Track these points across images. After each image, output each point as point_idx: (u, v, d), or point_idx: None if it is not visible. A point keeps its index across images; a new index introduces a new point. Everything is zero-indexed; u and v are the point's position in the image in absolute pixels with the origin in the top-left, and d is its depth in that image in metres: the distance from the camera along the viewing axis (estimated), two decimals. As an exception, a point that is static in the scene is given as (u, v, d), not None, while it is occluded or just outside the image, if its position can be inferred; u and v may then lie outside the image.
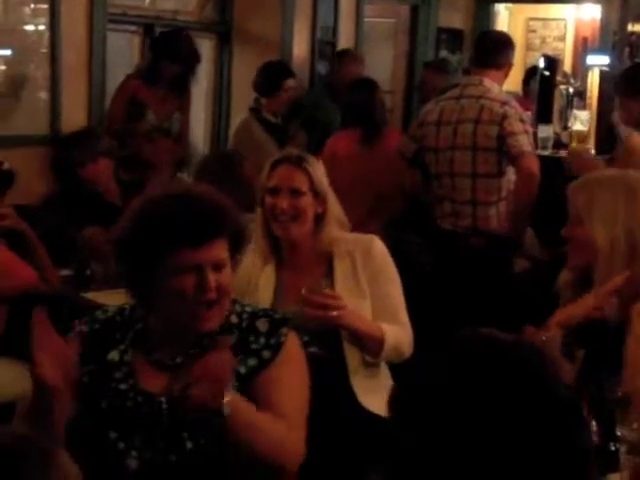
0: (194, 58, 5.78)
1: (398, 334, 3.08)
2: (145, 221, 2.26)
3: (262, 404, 2.25)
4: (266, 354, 2.33)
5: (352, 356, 3.07)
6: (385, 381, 3.14)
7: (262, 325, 2.37)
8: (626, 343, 2.61)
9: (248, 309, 2.42)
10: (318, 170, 3.17)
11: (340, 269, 3.12)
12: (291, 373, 2.35)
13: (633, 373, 2.57)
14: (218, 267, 2.25)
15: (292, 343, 2.38)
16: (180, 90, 5.81)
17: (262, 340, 2.35)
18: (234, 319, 2.37)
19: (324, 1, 7.17)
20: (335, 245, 3.14)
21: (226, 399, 2.11)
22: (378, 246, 3.17)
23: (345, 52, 6.99)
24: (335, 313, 2.91)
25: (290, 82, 6.09)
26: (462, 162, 4.91)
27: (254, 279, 3.17)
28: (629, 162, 4.46)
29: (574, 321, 2.64)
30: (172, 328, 2.31)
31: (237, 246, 2.34)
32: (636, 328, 2.62)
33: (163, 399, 2.25)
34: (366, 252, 3.13)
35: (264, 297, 3.12)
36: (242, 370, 2.29)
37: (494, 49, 5.16)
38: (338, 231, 3.17)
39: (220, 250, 2.26)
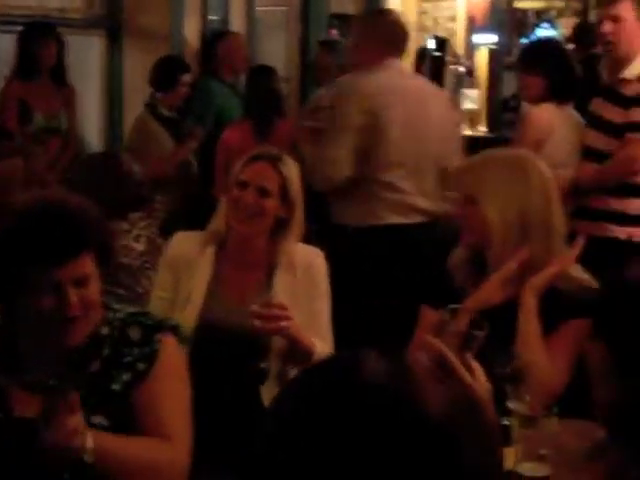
0: (60, 43, 5.74)
1: (324, 351, 3.05)
2: (3, 237, 2.17)
3: (141, 420, 2.17)
4: (140, 366, 2.22)
5: (271, 367, 3.05)
6: None
7: (134, 333, 2.25)
8: (518, 319, 2.69)
9: (120, 315, 2.29)
10: (293, 175, 3.10)
11: (281, 280, 3.07)
12: (169, 384, 2.24)
13: (524, 348, 2.64)
14: (81, 282, 2.16)
15: (168, 350, 2.27)
16: (59, 82, 5.76)
17: (135, 351, 2.23)
18: (105, 330, 2.25)
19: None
20: (283, 256, 3.09)
21: (88, 446, 2.02)
22: (320, 263, 3.14)
23: (223, 33, 6.94)
24: (285, 324, 2.87)
25: (186, 77, 6.07)
26: None
27: (193, 260, 3.10)
28: (527, 139, 4.55)
29: (484, 306, 2.68)
30: (39, 347, 2.21)
31: (104, 257, 2.24)
32: (527, 303, 2.69)
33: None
34: (308, 266, 3.09)
35: (199, 281, 3.07)
36: (117, 387, 2.20)
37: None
38: (293, 239, 3.11)
39: (83, 266, 2.16)
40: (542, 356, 2.65)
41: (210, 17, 7.25)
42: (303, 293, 3.06)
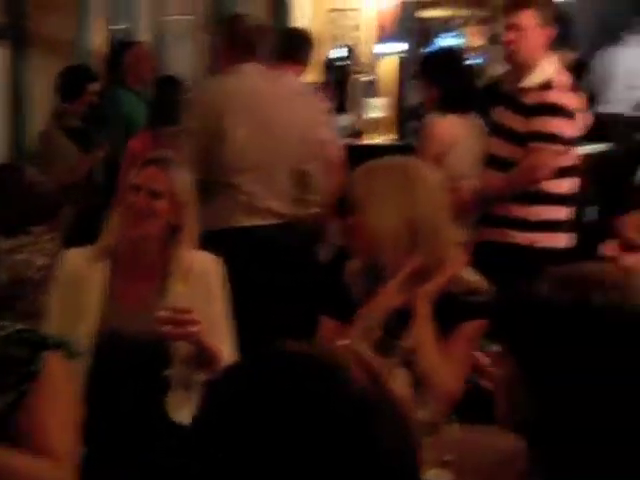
0: None
1: (229, 355, 3.05)
2: None
3: (26, 440, 2.12)
4: (24, 385, 2.16)
5: (176, 374, 3.04)
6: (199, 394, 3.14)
7: (19, 351, 2.19)
8: (413, 326, 2.73)
9: (2, 333, 2.21)
10: (184, 179, 3.13)
11: (176, 288, 3.07)
12: (54, 402, 2.18)
13: (421, 355, 2.68)
14: None
15: (53, 367, 2.20)
16: None
17: (19, 369, 2.17)
18: None
19: (118, 0, 7.11)
20: (177, 263, 3.08)
21: None
22: (216, 268, 3.14)
23: (130, 42, 6.91)
24: (194, 329, 2.86)
25: (93, 86, 6.03)
26: None
27: (84, 276, 3.08)
28: (430, 151, 4.62)
29: (383, 312, 2.71)
30: None
31: None
32: (421, 311, 2.73)
33: None
34: (203, 273, 3.10)
35: (93, 296, 3.05)
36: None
37: (294, 45, 5.27)
38: (186, 245, 3.11)
39: None
40: (439, 362, 2.69)
41: (117, 26, 7.19)
42: (199, 299, 3.04)
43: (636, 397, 1.46)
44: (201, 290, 3.08)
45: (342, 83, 7.13)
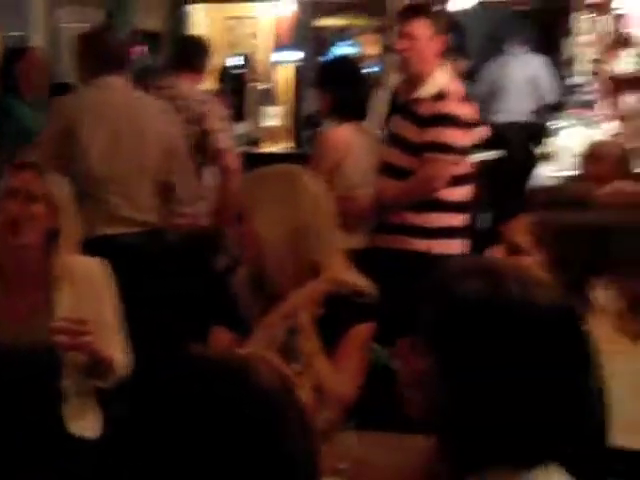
0: None
1: (122, 360, 3.03)
2: None
3: None
4: None
5: (70, 384, 3.00)
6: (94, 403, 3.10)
7: None
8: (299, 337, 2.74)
9: None
10: (58, 183, 3.12)
11: (63, 295, 3.03)
12: None
13: (310, 367, 2.68)
14: None
15: None
16: None
17: None
18: None
19: (11, 8, 6.98)
20: (61, 269, 3.05)
21: None
22: (101, 272, 3.11)
23: (22, 49, 6.78)
24: (89, 339, 2.82)
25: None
26: None
27: None
28: (325, 161, 4.64)
29: (268, 345, 2.72)
30: None
31: None
32: (303, 323, 2.73)
33: None
34: (89, 278, 3.07)
35: None
36: None
37: (190, 52, 5.26)
38: (68, 249, 3.08)
39: None
40: (329, 369, 2.70)
41: (10, 33, 7.06)
42: (88, 305, 3.02)
43: (548, 390, 1.49)
44: (89, 295, 3.05)
45: (239, 91, 7.12)
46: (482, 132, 7.35)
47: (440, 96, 4.49)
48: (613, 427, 2.13)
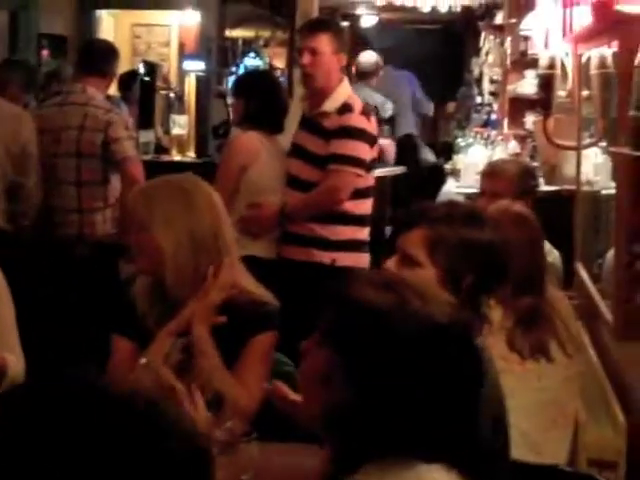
0: None
1: (17, 365, 2.95)
2: None
3: None
4: None
5: None
6: None
7: None
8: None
9: None
10: None
11: None
12: None
13: (211, 380, 2.70)
14: None
15: None
16: None
17: None
18: None
19: None
20: None
21: None
22: None
23: None
24: None
25: None
26: (66, 169, 4.90)
27: None
28: (232, 164, 4.64)
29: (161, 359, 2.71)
30: None
31: None
32: (200, 337, 2.73)
33: None
34: None
35: None
36: None
37: (98, 57, 5.21)
38: None
39: None
40: (230, 382, 2.71)
41: None
42: None
43: (438, 400, 1.57)
44: None
45: (147, 99, 7.07)
46: (387, 146, 7.47)
47: (344, 109, 4.53)
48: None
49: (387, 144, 7.68)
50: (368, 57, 8.37)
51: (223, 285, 2.77)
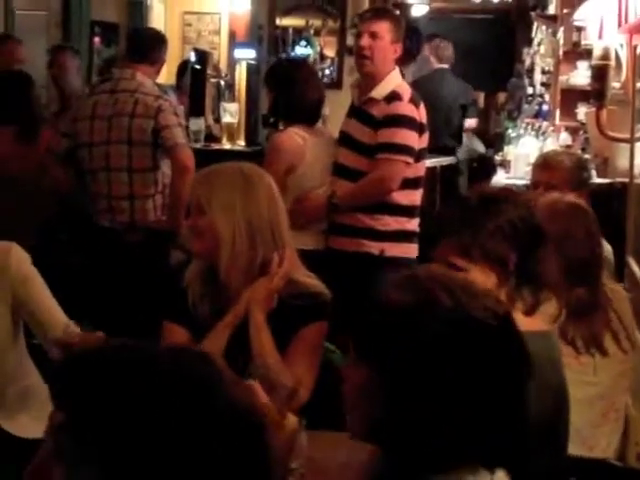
0: None
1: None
2: None
3: None
4: None
5: None
6: (37, 398, 3.02)
7: None
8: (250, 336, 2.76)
9: None
10: None
11: None
12: None
13: (262, 364, 2.71)
14: None
15: None
16: None
17: None
18: None
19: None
20: None
21: None
22: (15, 255, 2.97)
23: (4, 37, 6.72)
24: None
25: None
26: (118, 156, 4.93)
27: None
28: (278, 164, 4.62)
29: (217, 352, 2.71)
30: None
31: None
32: (255, 320, 2.75)
33: None
34: (2, 267, 2.92)
35: None
36: None
37: (146, 45, 5.23)
38: None
39: None
40: (282, 369, 2.72)
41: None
42: (11, 292, 2.94)
43: (483, 397, 1.52)
44: (5, 284, 2.94)
45: (198, 87, 7.09)
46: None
47: (393, 97, 4.52)
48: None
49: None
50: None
51: (285, 274, 2.78)
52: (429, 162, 5.84)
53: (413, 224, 4.65)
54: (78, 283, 4.70)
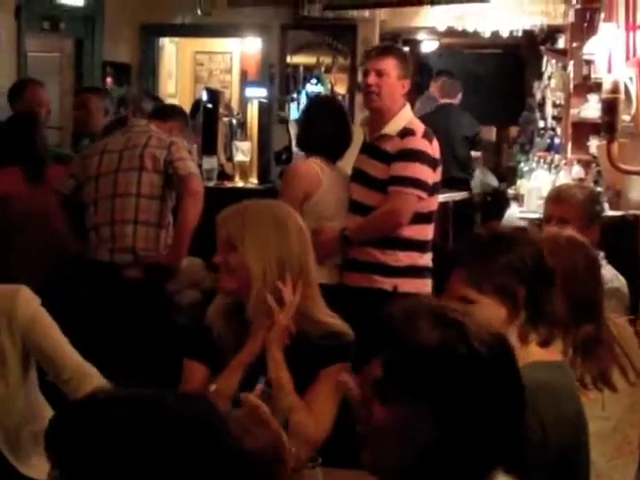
0: None
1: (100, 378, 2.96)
2: None
3: None
4: None
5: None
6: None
7: None
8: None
9: None
10: None
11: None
12: None
13: (282, 400, 2.68)
14: None
15: None
16: None
17: None
18: None
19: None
20: None
21: None
22: (23, 298, 2.96)
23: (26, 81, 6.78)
24: None
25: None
26: (126, 183, 4.92)
27: None
28: (294, 191, 4.65)
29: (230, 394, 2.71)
30: None
31: None
32: (274, 358, 2.75)
33: None
34: (10, 309, 2.92)
35: None
36: None
37: (167, 114, 5.49)
38: None
39: None
40: (300, 407, 2.71)
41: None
42: (20, 336, 2.93)
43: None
44: (14, 328, 2.93)
45: (210, 126, 7.14)
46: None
47: (406, 133, 4.54)
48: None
49: None
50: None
51: (290, 309, 2.78)
52: (442, 197, 5.85)
53: (425, 259, 4.64)
54: (83, 318, 4.66)
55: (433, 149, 4.59)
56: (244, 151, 6.88)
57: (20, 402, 2.99)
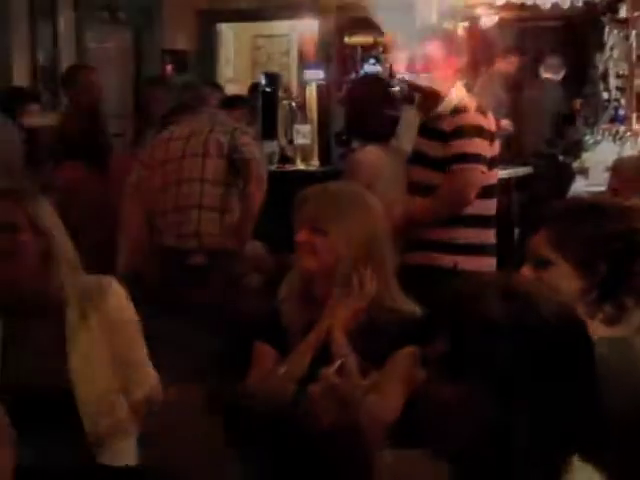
0: None
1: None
2: None
3: None
4: None
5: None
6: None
7: None
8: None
9: None
10: (37, 203, 2.81)
11: (71, 318, 2.79)
12: None
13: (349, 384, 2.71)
14: None
15: None
16: None
17: None
18: None
19: (43, 26, 7.06)
20: (65, 290, 2.80)
21: None
22: (114, 291, 2.87)
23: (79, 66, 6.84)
24: None
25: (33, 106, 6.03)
26: (191, 168, 4.95)
27: None
28: (348, 178, 4.64)
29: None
30: None
31: None
32: (337, 340, 2.74)
33: None
34: (99, 299, 2.83)
35: None
36: None
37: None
38: (70, 273, 2.81)
39: None
40: (368, 391, 2.69)
41: (41, 50, 7.15)
42: (103, 329, 2.82)
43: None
44: (99, 319, 2.82)
45: (269, 109, 7.15)
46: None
47: (459, 110, 4.49)
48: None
49: None
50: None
51: (366, 295, 2.77)
52: (504, 172, 5.78)
53: (488, 235, 4.58)
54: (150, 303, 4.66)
55: (488, 123, 4.54)
56: (305, 134, 6.89)
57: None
